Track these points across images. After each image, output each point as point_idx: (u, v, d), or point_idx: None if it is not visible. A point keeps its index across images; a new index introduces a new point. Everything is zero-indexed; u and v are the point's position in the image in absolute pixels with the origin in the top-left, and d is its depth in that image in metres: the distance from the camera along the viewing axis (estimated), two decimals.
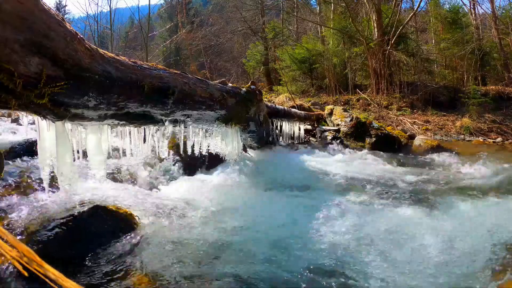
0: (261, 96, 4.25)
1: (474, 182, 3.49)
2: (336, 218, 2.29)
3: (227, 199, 2.60)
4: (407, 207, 2.61)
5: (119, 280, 1.51)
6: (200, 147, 3.28)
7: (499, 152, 5.12)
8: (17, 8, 1.20)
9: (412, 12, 11.41)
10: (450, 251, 1.86)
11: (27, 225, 1.69)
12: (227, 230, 2.07)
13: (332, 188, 3.22)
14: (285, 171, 3.77)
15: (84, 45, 1.51)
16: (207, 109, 2.77)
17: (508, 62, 10.89)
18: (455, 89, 9.90)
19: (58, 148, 1.73)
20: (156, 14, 23.52)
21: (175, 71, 2.39)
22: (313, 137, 6.12)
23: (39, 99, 1.38)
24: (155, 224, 2.03)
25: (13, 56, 1.20)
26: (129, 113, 2.03)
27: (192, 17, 22.29)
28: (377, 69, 10.14)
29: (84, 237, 1.74)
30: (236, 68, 18.44)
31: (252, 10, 16.50)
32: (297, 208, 2.55)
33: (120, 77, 1.74)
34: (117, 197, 2.22)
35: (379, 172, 3.91)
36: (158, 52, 19.72)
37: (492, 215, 2.44)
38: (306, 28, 16.74)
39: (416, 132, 7.51)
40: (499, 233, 2.06)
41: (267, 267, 1.67)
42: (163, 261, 1.67)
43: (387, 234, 2.06)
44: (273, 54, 14.59)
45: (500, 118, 8.31)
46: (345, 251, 1.83)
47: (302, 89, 12.67)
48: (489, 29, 12.69)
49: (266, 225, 2.17)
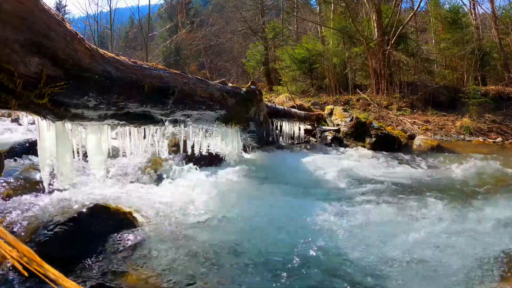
0: (261, 96, 4.25)
1: (473, 182, 3.49)
2: (335, 218, 2.29)
3: (227, 198, 2.60)
4: (407, 207, 2.61)
5: (119, 280, 1.51)
6: (200, 147, 3.28)
7: (499, 152, 5.12)
8: (17, 8, 1.20)
9: (412, 12, 11.42)
10: (448, 250, 1.86)
11: (27, 225, 1.69)
12: (226, 229, 2.07)
13: (332, 188, 3.22)
14: (285, 171, 3.78)
15: (84, 45, 1.51)
16: (207, 109, 2.77)
17: (508, 62, 10.89)
18: (455, 89, 9.90)
19: (58, 148, 1.73)
20: (156, 14, 23.54)
21: (175, 71, 2.39)
22: (313, 137, 6.12)
23: (39, 99, 1.38)
24: (155, 224, 2.03)
25: (13, 56, 1.20)
26: (129, 113, 2.03)
27: (192, 17, 22.30)
28: (377, 69, 10.15)
29: (84, 237, 1.74)
30: (236, 68, 18.45)
31: (252, 10, 16.50)
32: (297, 208, 2.55)
33: (120, 77, 1.74)
34: (117, 196, 2.22)
35: (379, 172, 3.91)
36: (158, 52, 19.73)
37: (492, 214, 2.44)
38: (306, 28, 16.75)
39: (416, 132, 7.51)
40: (499, 233, 2.06)
41: (267, 267, 1.68)
42: (163, 260, 1.67)
43: (387, 234, 2.06)
44: (273, 54, 14.60)
45: (500, 118, 8.31)
46: (345, 250, 1.84)
47: (302, 89, 12.67)
48: (489, 29, 12.69)
49: (266, 224, 2.17)
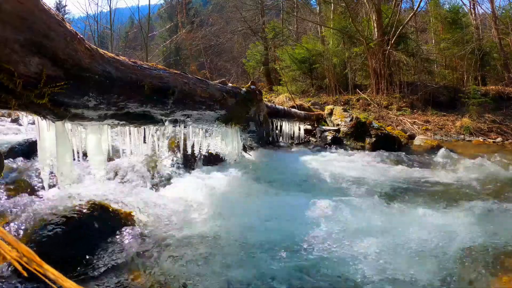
0: (261, 96, 4.25)
1: (472, 182, 3.49)
2: (335, 218, 2.29)
3: (227, 198, 2.60)
4: (406, 207, 2.61)
5: (119, 279, 1.51)
6: (200, 147, 3.28)
7: (499, 152, 5.12)
8: (17, 8, 1.20)
9: (412, 12, 11.42)
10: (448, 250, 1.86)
11: (27, 225, 1.69)
12: (226, 229, 2.07)
13: (332, 188, 3.22)
14: (285, 171, 3.78)
15: (84, 45, 1.51)
16: (207, 109, 2.77)
17: (508, 62, 10.89)
18: (455, 89, 9.91)
19: (58, 148, 1.73)
20: (156, 14, 23.55)
21: (175, 71, 2.38)
22: (313, 137, 6.12)
23: (39, 99, 1.37)
24: (155, 224, 2.03)
25: (13, 56, 1.20)
26: (129, 113, 2.03)
27: (192, 17, 22.31)
28: (377, 69, 10.15)
29: (84, 237, 1.74)
30: (236, 68, 18.45)
31: (252, 10, 16.51)
32: (297, 208, 2.54)
33: (120, 77, 1.74)
34: (117, 196, 2.22)
35: (379, 172, 3.91)
36: (158, 52, 19.74)
37: (490, 215, 2.44)
38: (306, 28, 16.75)
39: (416, 132, 7.51)
40: (498, 234, 2.06)
41: (266, 266, 1.67)
42: (163, 260, 1.67)
43: (387, 233, 2.06)
44: (273, 54, 14.60)
45: (500, 118, 8.31)
46: (344, 250, 1.84)
47: (302, 89, 12.68)
48: (489, 29, 12.70)
49: (265, 224, 2.17)
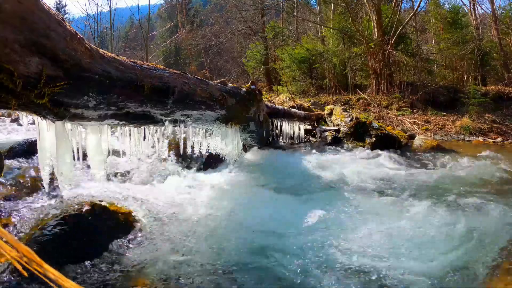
0: (261, 96, 4.25)
1: (473, 182, 3.49)
2: (335, 218, 2.29)
3: (227, 198, 2.60)
4: (406, 207, 2.61)
5: (119, 279, 1.51)
6: (200, 147, 3.28)
7: (499, 152, 5.11)
8: (17, 8, 1.20)
9: (412, 12, 11.41)
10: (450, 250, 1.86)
11: (27, 225, 1.69)
12: (226, 229, 2.08)
13: (331, 188, 3.22)
14: (285, 171, 3.77)
15: (84, 45, 1.51)
16: (207, 109, 2.77)
17: (508, 62, 10.89)
18: (455, 89, 9.89)
19: (58, 148, 1.73)
20: (156, 14, 23.53)
21: (175, 71, 2.38)
22: (313, 137, 6.12)
23: (39, 99, 1.37)
24: (154, 223, 2.03)
25: (13, 56, 1.19)
26: (129, 113, 2.03)
27: (192, 17, 22.31)
28: (377, 69, 10.15)
29: (84, 237, 1.75)
30: (236, 68, 18.45)
31: (252, 10, 16.48)
32: (297, 207, 2.55)
33: (120, 77, 1.74)
34: (116, 196, 2.22)
35: (379, 172, 3.91)
36: (158, 52, 19.73)
37: (493, 215, 2.44)
38: (306, 28, 16.74)
39: (416, 132, 7.51)
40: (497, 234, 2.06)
41: (266, 266, 1.68)
42: (162, 260, 1.67)
43: (387, 233, 2.06)
44: (273, 54, 14.59)
45: (500, 118, 8.30)
46: (343, 249, 1.84)
47: (302, 89, 12.67)
48: (489, 29, 12.68)
49: (265, 224, 2.17)
